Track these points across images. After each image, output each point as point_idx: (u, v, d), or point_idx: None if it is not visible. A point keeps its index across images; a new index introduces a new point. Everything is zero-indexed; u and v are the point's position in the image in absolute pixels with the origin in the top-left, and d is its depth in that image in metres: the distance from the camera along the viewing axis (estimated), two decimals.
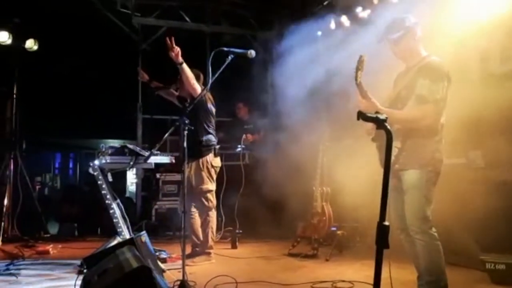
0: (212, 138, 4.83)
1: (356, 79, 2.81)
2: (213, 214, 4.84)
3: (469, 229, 4.01)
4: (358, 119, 2.51)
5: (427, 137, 2.89)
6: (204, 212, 4.77)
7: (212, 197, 4.82)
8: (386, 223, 2.12)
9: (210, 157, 4.77)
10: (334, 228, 5.07)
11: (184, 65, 4.42)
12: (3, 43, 6.35)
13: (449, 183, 4.03)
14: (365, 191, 4.09)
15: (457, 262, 3.99)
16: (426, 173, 2.88)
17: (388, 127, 2.23)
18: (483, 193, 3.86)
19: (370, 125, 2.94)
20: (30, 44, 6.48)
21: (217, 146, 4.88)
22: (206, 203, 4.76)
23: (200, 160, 4.71)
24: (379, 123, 2.28)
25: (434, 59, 2.95)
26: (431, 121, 2.87)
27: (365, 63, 2.78)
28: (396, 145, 2.88)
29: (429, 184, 2.89)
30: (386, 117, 2.31)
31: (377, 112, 2.32)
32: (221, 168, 5.05)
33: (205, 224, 4.78)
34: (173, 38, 4.19)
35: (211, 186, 4.81)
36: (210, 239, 4.78)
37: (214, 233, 4.91)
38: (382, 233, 2.12)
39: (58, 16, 7.12)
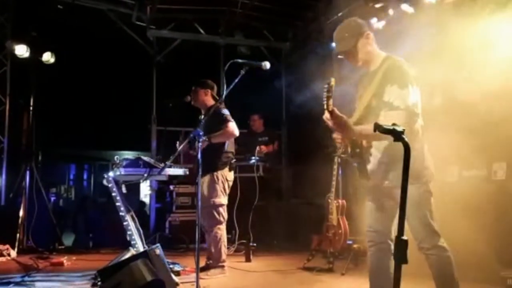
0: (229, 150, 4.82)
1: (327, 108, 2.55)
2: (223, 228, 4.77)
3: (489, 244, 3.89)
4: (374, 131, 2.46)
5: (411, 147, 2.73)
6: (213, 226, 4.69)
7: (223, 211, 4.76)
8: (405, 237, 2.07)
9: (225, 171, 4.75)
10: (350, 242, 4.99)
11: (213, 139, 4.47)
12: (21, 56, 6.47)
13: (469, 196, 3.96)
14: None
15: (476, 278, 3.88)
16: (422, 185, 2.70)
17: (406, 139, 2.18)
18: (504, 207, 3.77)
19: (343, 144, 2.79)
20: (47, 57, 6.58)
21: (233, 161, 4.86)
22: (217, 216, 4.69)
23: (215, 174, 4.69)
24: (396, 136, 2.23)
25: (397, 60, 2.76)
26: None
27: (333, 88, 2.56)
28: (381, 159, 2.74)
29: (427, 196, 2.73)
30: (404, 129, 2.26)
31: (394, 124, 2.27)
32: (235, 180, 5.02)
33: (216, 238, 4.71)
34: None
35: (224, 200, 4.76)
36: (223, 253, 4.72)
37: (226, 246, 4.84)
38: (401, 248, 2.07)
39: (75, 30, 7.24)
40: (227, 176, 4.76)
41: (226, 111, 4.71)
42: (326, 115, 2.60)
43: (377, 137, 2.72)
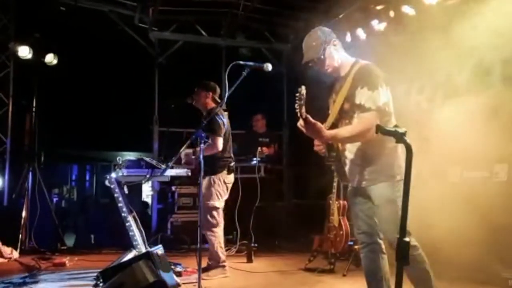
0: (226, 155, 4.82)
1: (301, 115, 2.64)
2: (218, 230, 4.74)
3: (491, 245, 3.90)
4: (376, 132, 2.48)
5: (383, 146, 2.77)
6: (207, 229, 4.68)
7: (217, 214, 4.73)
8: (407, 239, 2.08)
9: (223, 174, 4.75)
10: (351, 243, 5.00)
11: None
12: (24, 58, 6.50)
13: (471, 197, 3.97)
14: None
15: (478, 279, 3.89)
16: (395, 183, 2.75)
17: (408, 141, 2.19)
18: (506, 208, 3.78)
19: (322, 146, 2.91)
20: (50, 58, 6.61)
21: (232, 164, 4.86)
22: (210, 219, 4.67)
23: (212, 177, 4.70)
24: (398, 137, 2.24)
25: (366, 64, 2.84)
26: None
27: (304, 95, 2.60)
28: (354, 161, 2.83)
29: (400, 194, 2.78)
30: (405, 131, 2.28)
31: (396, 126, 2.28)
32: (236, 181, 5.02)
33: (211, 241, 4.69)
34: None
35: (218, 203, 4.73)
36: (221, 254, 4.72)
37: (223, 247, 4.83)
38: (402, 249, 2.08)
39: (77, 31, 7.26)
40: (225, 179, 4.76)
41: (220, 119, 4.69)
42: (300, 122, 2.70)
43: (351, 140, 2.81)
